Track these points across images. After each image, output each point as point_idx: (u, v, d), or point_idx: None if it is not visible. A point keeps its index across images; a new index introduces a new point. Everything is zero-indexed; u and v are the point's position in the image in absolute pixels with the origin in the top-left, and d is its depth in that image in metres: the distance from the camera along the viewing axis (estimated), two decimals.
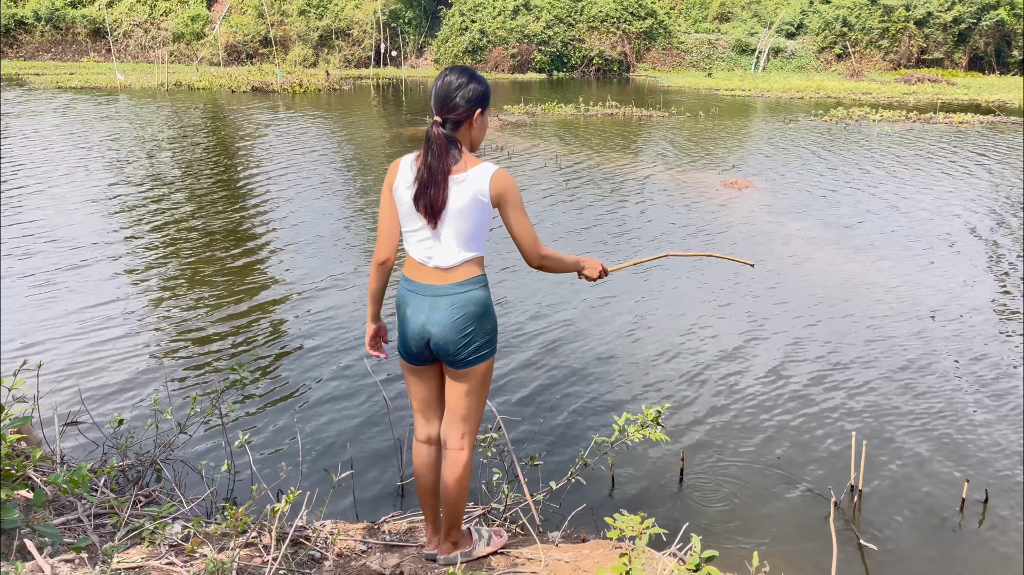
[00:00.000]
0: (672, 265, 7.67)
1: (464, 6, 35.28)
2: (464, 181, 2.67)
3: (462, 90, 2.70)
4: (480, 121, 2.77)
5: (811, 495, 3.93)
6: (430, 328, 2.76)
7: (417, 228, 2.76)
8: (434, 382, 2.96)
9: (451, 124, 2.71)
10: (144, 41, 36.96)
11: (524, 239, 2.76)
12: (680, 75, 34.25)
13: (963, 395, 5.02)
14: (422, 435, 3.02)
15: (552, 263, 2.86)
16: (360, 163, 13.23)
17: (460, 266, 2.74)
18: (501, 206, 2.71)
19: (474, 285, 2.75)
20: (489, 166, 2.71)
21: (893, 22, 36.21)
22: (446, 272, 2.74)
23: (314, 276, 7.19)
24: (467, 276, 2.75)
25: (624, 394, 4.99)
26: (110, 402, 4.75)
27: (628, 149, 14.82)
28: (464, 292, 2.74)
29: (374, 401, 4.81)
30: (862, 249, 8.29)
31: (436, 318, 2.74)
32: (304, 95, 24.98)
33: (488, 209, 2.71)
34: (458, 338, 2.74)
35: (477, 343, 2.78)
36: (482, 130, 2.82)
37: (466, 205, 2.68)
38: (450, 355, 2.78)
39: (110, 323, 5.98)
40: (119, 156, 13.05)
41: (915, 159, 13.95)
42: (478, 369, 2.82)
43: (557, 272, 2.92)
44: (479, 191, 2.67)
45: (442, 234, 2.73)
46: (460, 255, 2.73)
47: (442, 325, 2.74)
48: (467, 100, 2.71)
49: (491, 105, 2.87)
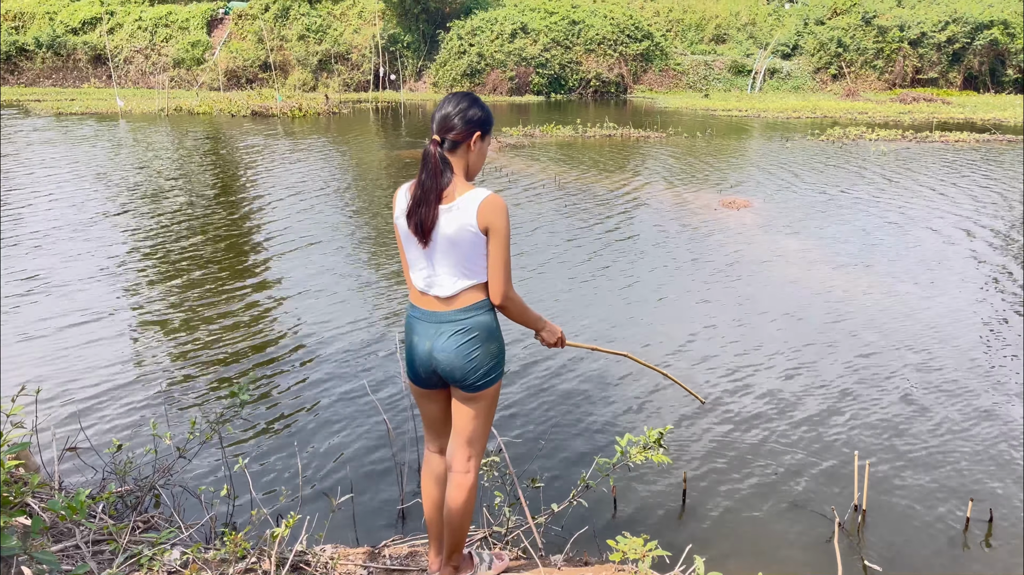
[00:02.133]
0: (675, 289, 7.68)
1: (462, 30, 35.57)
2: (452, 210, 2.65)
3: (463, 112, 2.72)
4: (479, 146, 2.76)
5: (815, 516, 3.90)
6: (436, 355, 2.77)
7: (416, 256, 2.76)
8: (443, 403, 2.97)
9: (449, 144, 2.70)
10: (145, 67, 37.23)
11: (495, 273, 2.71)
12: (677, 96, 34.45)
13: (964, 413, 5.00)
14: (433, 447, 3.04)
15: (515, 309, 2.81)
16: (359, 186, 13.28)
17: (460, 294, 2.73)
18: (487, 233, 2.67)
19: (477, 311, 2.75)
20: (480, 192, 2.67)
21: (887, 42, 36.50)
22: (447, 300, 2.75)
23: (314, 299, 7.19)
24: (469, 303, 2.74)
25: (626, 415, 4.97)
26: (109, 427, 4.73)
27: (626, 170, 14.87)
28: (468, 318, 2.74)
29: (374, 424, 4.79)
30: (861, 268, 8.30)
31: (441, 345, 2.75)
32: (303, 119, 25.12)
33: (480, 238, 2.67)
34: (464, 363, 2.75)
35: (485, 367, 2.78)
36: (480, 156, 2.80)
37: (455, 235, 2.65)
38: (458, 380, 2.79)
39: (109, 347, 5.97)
40: (116, 180, 13.09)
41: (912, 178, 14.01)
42: (487, 393, 2.83)
43: (516, 320, 2.86)
44: (467, 223, 2.64)
45: (437, 263, 2.72)
46: (458, 283, 2.72)
47: (447, 352, 2.74)
48: (466, 121, 2.71)
49: (492, 133, 2.87)
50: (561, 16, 36.13)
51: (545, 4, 37.46)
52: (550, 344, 2.99)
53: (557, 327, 3.00)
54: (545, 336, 2.97)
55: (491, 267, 2.71)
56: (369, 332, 6.35)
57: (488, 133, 2.80)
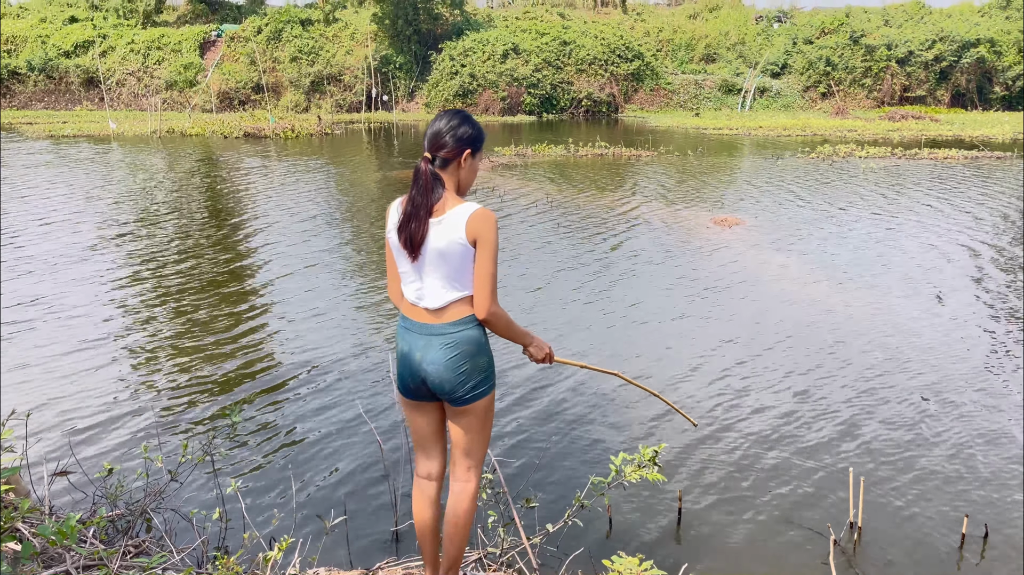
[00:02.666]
0: (667, 306, 7.69)
1: (454, 51, 35.81)
2: (442, 223, 2.70)
3: (454, 130, 2.76)
4: (469, 163, 2.80)
5: (810, 533, 3.89)
6: (426, 367, 2.78)
7: (406, 269, 2.80)
8: (432, 417, 2.96)
9: (440, 161, 2.75)
10: (137, 89, 37.31)
11: (481, 285, 2.72)
12: (668, 115, 34.69)
13: (958, 429, 5.00)
14: (422, 471, 3.02)
15: (500, 323, 2.80)
16: (352, 208, 13.29)
17: (449, 306, 2.75)
18: (476, 245, 2.70)
19: (466, 325, 2.76)
20: (470, 206, 2.71)
21: (875, 61, 36.88)
22: (436, 313, 2.76)
23: (307, 322, 7.17)
24: (459, 316, 2.76)
25: (619, 433, 4.96)
26: (100, 450, 4.69)
27: (618, 188, 14.93)
28: (457, 332, 2.75)
29: (368, 445, 4.76)
30: (853, 285, 8.33)
31: (431, 357, 2.77)
32: (296, 140, 25.18)
33: (469, 250, 2.70)
34: (453, 377, 2.76)
35: (474, 381, 2.79)
36: (471, 173, 2.84)
37: (445, 248, 2.69)
38: (447, 393, 2.80)
39: (101, 371, 5.93)
40: (106, 203, 13.08)
41: (904, 194, 14.10)
42: (478, 406, 2.83)
43: (503, 335, 2.85)
44: (457, 236, 2.68)
45: (427, 275, 2.75)
46: (447, 296, 2.74)
47: (436, 364, 2.76)
48: (456, 139, 2.75)
49: (483, 150, 2.89)
50: (552, 37, 36.42)
51: (536, 25, 37.79)
52: (538, 360, 2.98)
53: (545, 343, 3.00)
54: (533, 351, 2.97)
55: (476, 279, 2.72)
56: (362, 354, 6.33)
57: (479, 150, 2.84)
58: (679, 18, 42.52)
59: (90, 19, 40.26)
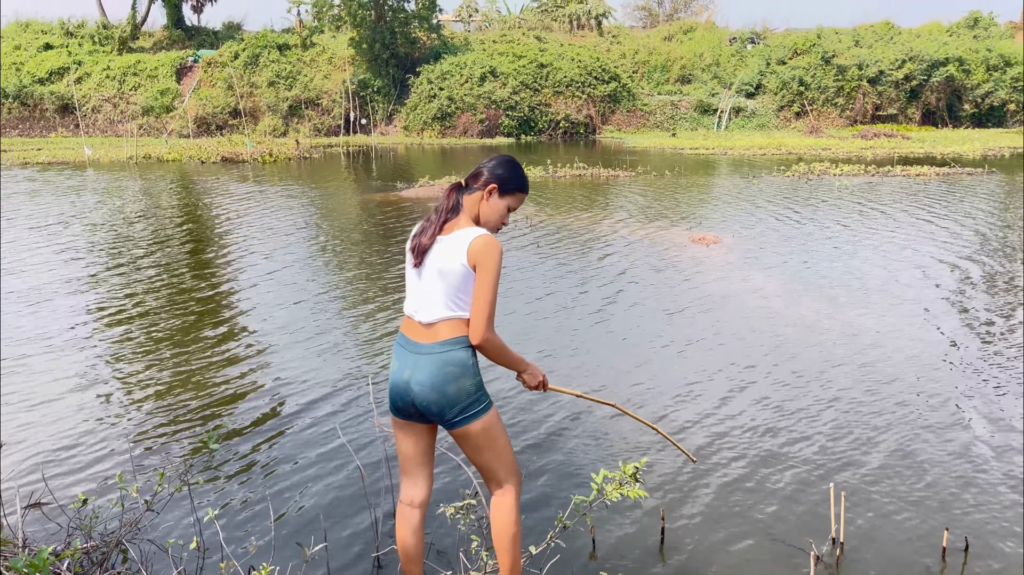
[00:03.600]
0: (647, 326, 7.71)
1: (432, 74, 35.99)
2: (448, 242, 2.81)
3: (491, 168, 2.94)
4: (493, 200, 2.92)
5: (793, 549, 3.89)
6: (413, 387, 2.81)
7: (410, 279, 2.92)
8: (421, 438, 2.97)
9: (468, 189, 2.93)
10: (113, 115, 37.12)
11: (478, 310, 2.76)
12: (645, 136, 35.00)
13: (936, 443, 5.04)
14: (406, 497, 3.00)
15: (494, 349, 2.82)
16: (330, 229, 13.26)
17: (442, 323, 2.80)
18: (475, 269, 2.77)
19: (455, 345, 2.79)
20: (475, 231, 2.81)
21: (847, 80, 37.48)
22: (428, 329, 2.81)
23: (285, 348, 7.12)
24: (450, 335, 2.80)
25: (601, 450, 4.95)
26: (74, 480, 4.61)
27: (597, 208, 15.01)
28: (444, 352, 2.78)
29: (348, 471, 4.72)
30: (831, 300, 8.41)
31: (417, 377, 2.80)
32: (274, 164, 25.12)
33: (470, 274, 2.77)
34: (439, 398, 2.78)
35: (462, 404, 2.80)
36: (493, 212, 2.94)
37: (446, 267, 2.78)
38: (435, 415, 2.83)
39: (74, 399, 5.84)
40: (79, 229, 12.95)
41: (877, 211, 14.29)
42: (472, 429, 2.84)
43: (496, 360, 2.88)
44: (458, 257, 2.77)
45: (425, 288, 2.84)
46: (441, 312, 2.79)
47: (423, 385, 2.78)
48: (489, 173, 2.92)
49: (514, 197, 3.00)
50: (529, 59, 36.71)
51: (513, 48, 38.09)
52: (531, 387, 3.01)
53: (539, 370, 3.01)
54: (527, 379, 2.99)
55: (474, 304, 2.77)
56: (342, 380, 6.29)
57: (508, 193, 2.95)
58: (654, 40, 43.02)
59: (65, 46, 40.10)
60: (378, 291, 9.01)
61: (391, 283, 9.33)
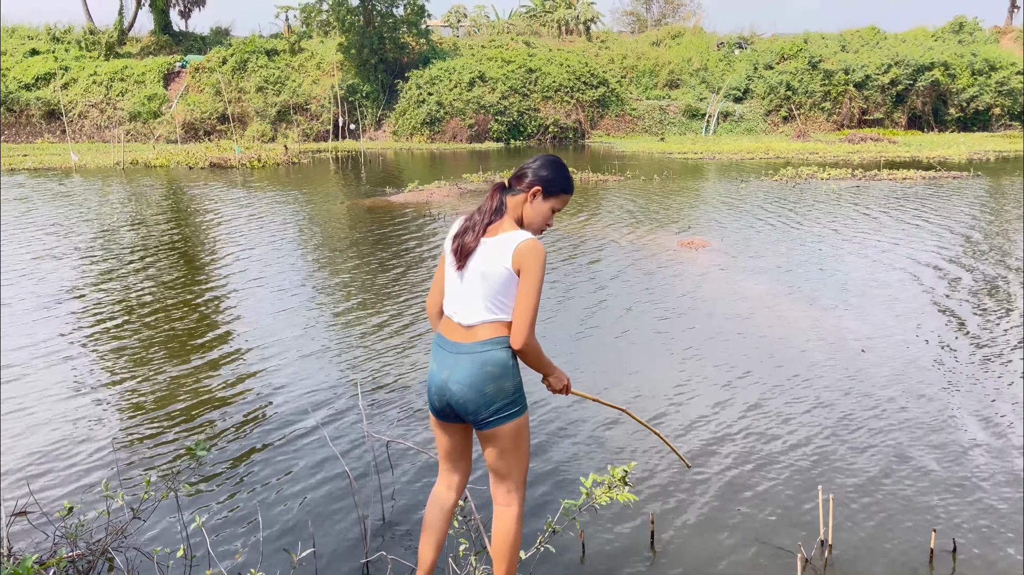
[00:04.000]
0: (637, 329, 7.72)
1: (421, 79, 35.98)
2: (492, 245, 2.80)
3: (535, 169, 2.94)
4: (537, 202, 2.91)
5: (782, 552, 3.90)
6: (451, 386, 2.82)
7: (451, 279, 2.89)
8: (459, 437, 3.01)
9: (512, 191, 2.92)
10: (100, 121, 36.94)
11: (521, 314, 2.77)
12: (634, 140, 35.09)
13: (924, 446, 5.06)
14: (444, 480, 3.08)
15: (533, 353, 2.84)
16: (318, 235, 13.23)
17: (482, 326, 2.80)
18: (520, 274, 2.77)
19: (495, 345, 2.80)
20: (521, 234, 2.80)
21: (834, 85, 37.69)
22: (468, 330, 2.81)
23: (273, 354, 7.09)
24: (490, 336, 2.80)
25: (590, 453, 4.94)
26: (61, 489, 4.57)
27: (586, 213, 15.04)
28: (484, 351, 2.79)
29: (336, 476, 4.70)
30: (820, 303, 8.44)
31: (456, 376, 2.80)
32: (263, 169, 25.05)
33: (513, 277, 2.77)
34: (476, 397, 2.78)
35: (498, 404, 2.80)
36: (537, 214, 2.93)
37: (490, 270, 2.77)
38: (470, 415, 2.83)
39: (60, 406, 5.80)
40: (64, 234, 12.88)
41: (866, 214, 14.37)
42: (504, 430, 2.84)
43: (532, 365, 2.90)
44: (503, 260, 2.76)
45: (467, 290, 2.83)
46: (482, 315, 2.80)
47: (461, 384, 2.79)
48: (533, 175, 2.91)
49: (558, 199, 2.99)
50: (518, 65, 36.75)
51: (502, 53, 38.12)
52: (556, 390, 3.03)
53: (564, 374, 3.04)
54: (552, 382, 3.02)
55: (517, 308, 2.78)
56: (332, 387, 6.27)
57: (552, 195, 2.95)
58: (642, 45, 43.16)
59: (51, 51, 39.87)
60: (368, 297, 8.99)
61: (381, 289, 9.31)
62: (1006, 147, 29.68)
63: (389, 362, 6.73)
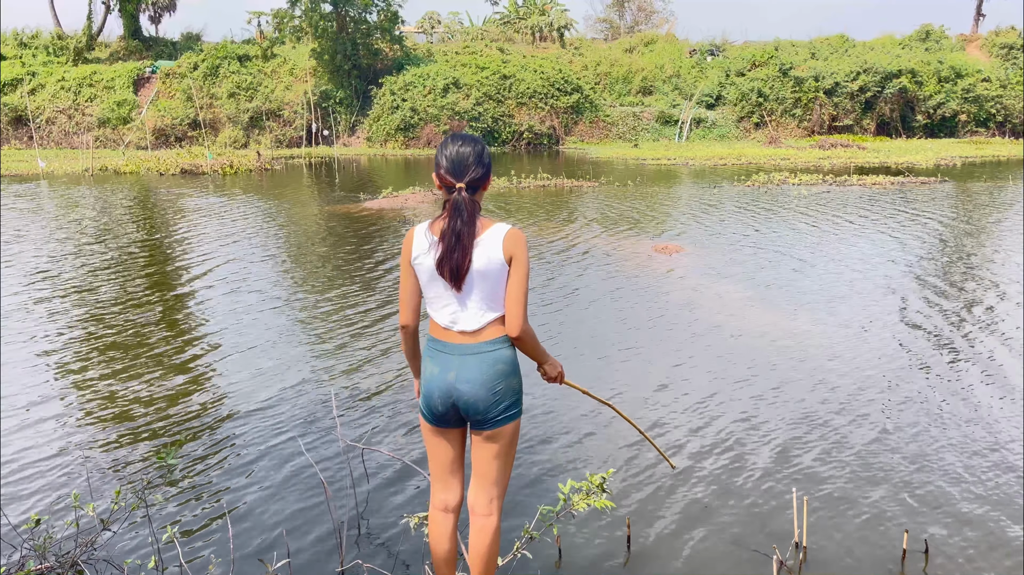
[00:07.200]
0: (611, 334, 7.74)
1: (395, 85, 35.93)
2: (481, 245, 2.75)
3: (479, 156, 2.79)
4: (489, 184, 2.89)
5: (757, 555, 3.92)
6: (460, 386, 2.78)
7: (440, 294, 2.81)
8: (456, 444, 2.97)
9: (471, 189, 2.78)
10: (68, 127, 36.43)
11: (514, 303, 2.77)
12: (608, 146, 35.27)
13: (897, 449, 5.12)
14: (439, 503, 3.01)
15: (529, 341, 2.85)
16: (293, 242, 13.13)
17: (485, 327, 2.79)
18: (510, 263, 2.76)
19: (502, 344, 2.80)
20: (503, 226, 2.79)
21: (804, 92, 38.20)
22: (472, 335, 2.79)
23: (246, 361, 7.01)
24: (495, 335, 2.80)
25: (568, 458, 4.94)
26: (28, 500, 4.48)
27: (562, 219, 15.07)
28: (494, 351, 2.78)
29: (310, 485, 4.65)
30: (790, 307, 8.52)
31: (466, 376, 2.77)
32: (235, 176, 24.84)
33: (506, 268, 2.76)
34: (488, 395, 2.77)
35: (506, 402, 2.81)
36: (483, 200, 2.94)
37: (484, 267, 2.74)
38: (479, 413, 2.80)
39: (26, 416, 5.69)
40: (32, 241, 12.67)
41: (837, 219, 14.54)
42: (507, 429, 2.84)
43: (529, 353, 2.91)
44: (495, 254, 2.74)
45: (465, 299, 2.78)
46: (484, 317, 2.78)
47: (472, 383, 2.77)
48: (485, 165, 2.80)
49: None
50: (492, 71, 36.83)
51: (476, 59, 38.18)
52: (550, 378, 3.03)
53: (558, 362, 3.05)
54: (547, 370, 3.02)
55: (509, 296, 2.77)
56: (306, 394, 6.21)
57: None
58: (616, 52, 43.44)
59: (19, 56, 39.31)
60: (343, 305, 8.93)
61: (356, 297, 9.26)
62: (972, 152, 30.24)
63: (364, 371, 6.69)
